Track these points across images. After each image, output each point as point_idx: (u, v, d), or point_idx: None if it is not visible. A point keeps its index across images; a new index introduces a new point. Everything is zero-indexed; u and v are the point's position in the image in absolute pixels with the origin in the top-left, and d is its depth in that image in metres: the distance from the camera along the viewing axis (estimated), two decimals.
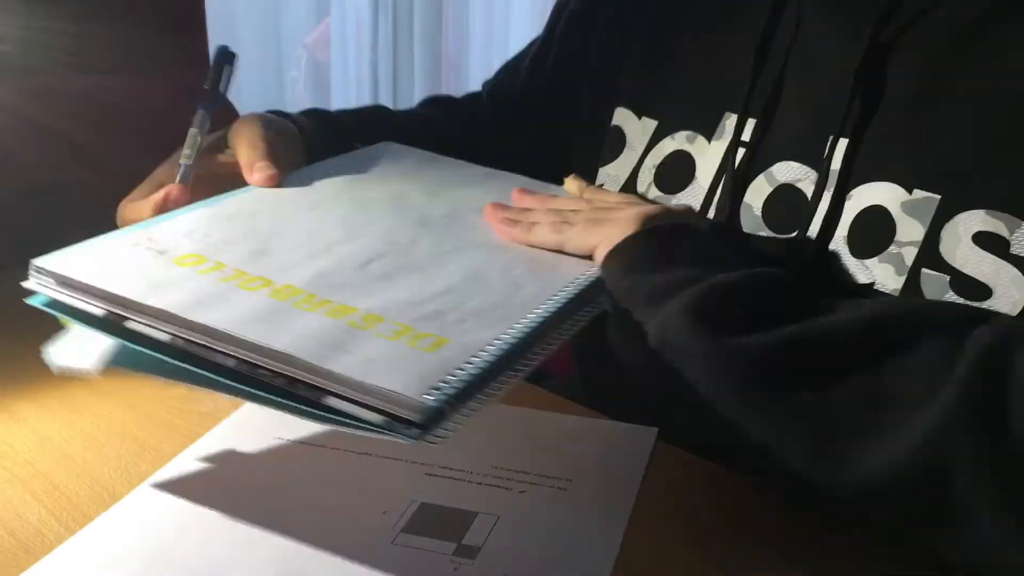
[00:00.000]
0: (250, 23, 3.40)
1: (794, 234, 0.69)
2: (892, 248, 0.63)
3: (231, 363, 0.53)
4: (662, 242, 0.63)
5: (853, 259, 0.65)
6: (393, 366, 0.51)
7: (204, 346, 0.53)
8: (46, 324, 0.66)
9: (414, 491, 0.62)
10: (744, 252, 0.67)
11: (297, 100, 3.50)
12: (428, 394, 0.49)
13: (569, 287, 0.63)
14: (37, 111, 1.33)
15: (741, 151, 0.74)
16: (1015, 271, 0.56)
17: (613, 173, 0.84)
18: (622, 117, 0.85)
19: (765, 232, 0.70)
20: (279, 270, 0.62)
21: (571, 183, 0.79)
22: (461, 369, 0.52)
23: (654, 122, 0.81)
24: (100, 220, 1.41)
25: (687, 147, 0.78)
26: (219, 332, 0.53)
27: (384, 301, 0.59)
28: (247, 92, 3.43)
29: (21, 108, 1.32)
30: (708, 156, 0.77)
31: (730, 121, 0.75)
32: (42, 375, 0.67)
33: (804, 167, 0.71)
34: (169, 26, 1.52)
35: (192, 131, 0.86)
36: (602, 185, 0.85)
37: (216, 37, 1.70)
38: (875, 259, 0.63)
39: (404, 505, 0.60)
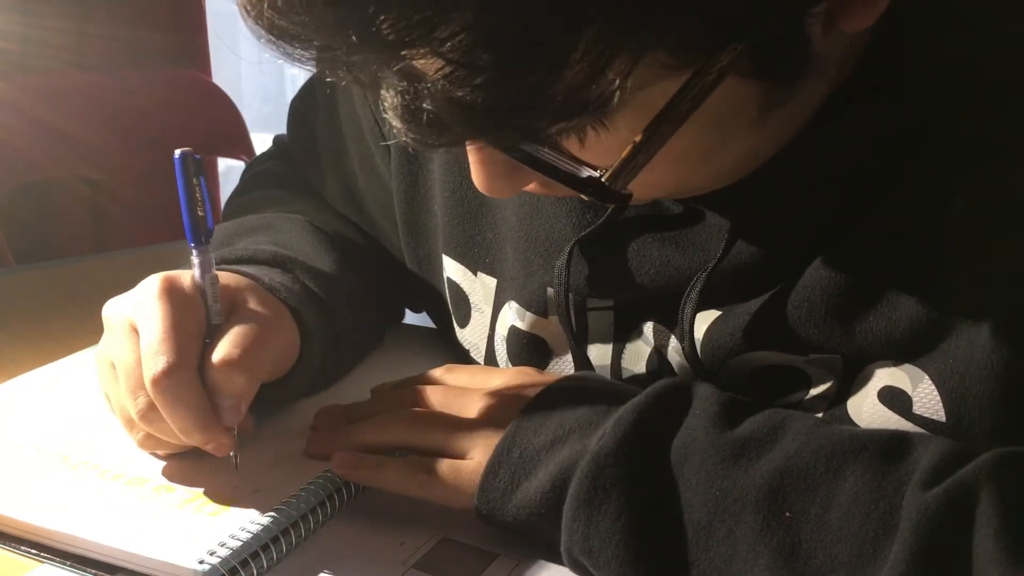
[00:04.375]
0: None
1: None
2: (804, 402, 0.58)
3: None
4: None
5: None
6: (175, 535, 0.55)
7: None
8: (42, 320, 0.66)
9: (440, 523, 0.58)
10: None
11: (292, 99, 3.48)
12: (204, 560, 0.52)
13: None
14: (38, 108, 1.33)
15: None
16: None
17: (473, 340, 0.72)
18: (453, 270, 0.72)
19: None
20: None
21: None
22: (245, 530, 0.54)
23: (493, 280, 0.69)
24: (97, 217, 1.40)
25: (520, 324, 0.67)
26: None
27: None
28: (248, 88, 3.43)
29: (22, 105, 1.32)
30: (552, 332, 0.66)
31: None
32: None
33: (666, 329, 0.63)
34: (170, 24, 1.52)
35: (209, 278, 0.61)
36: (468, 351, 0.74)
37: (217, 34, 1.70)
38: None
39: (424, 538, 0.57)
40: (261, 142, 1.56)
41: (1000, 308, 0.50)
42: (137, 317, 0.59)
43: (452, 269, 0.72)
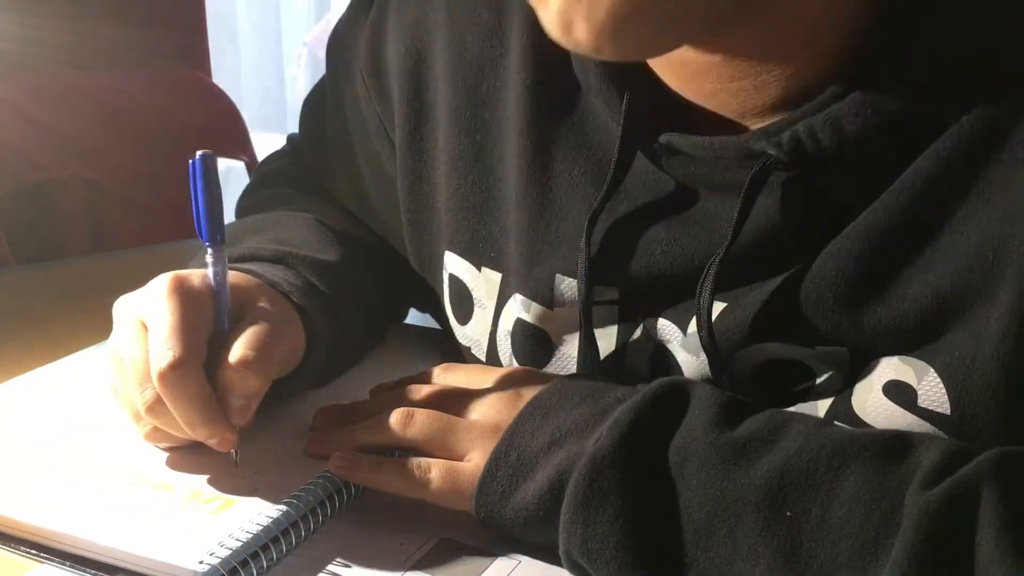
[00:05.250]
0: (251, 21, 3.40)
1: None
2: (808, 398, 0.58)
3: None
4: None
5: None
6: (174, 535, 0.55)
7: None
8: (42, 320, 0.66)
9: (440, 523, 0.58)
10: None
11: (298, 98, 3.50)
12: (204, 560, 0.52)
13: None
14: (37, 108, 1.33)
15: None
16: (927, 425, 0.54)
17: (474, 337, 0.72)
18: (457, 266, 0.72)
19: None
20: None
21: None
22: (245, 530, 0.54)
23: (498, 275, 0.69)
24: (97, 217, 1.40)
25: (526, 317, 0.67)
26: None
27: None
28: (248, 88, 3.43)
29: (21, 105, 1.32)
30: (557, 324, 0.66)
31: (565, 285, 0.65)
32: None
33: (673, 326, 0.62)
34: (169, 24, 1.52)
35: (221, 277, 0.61)
36: (469, 348, 0.74)
37: (216, 35, 1.70)
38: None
39: (424, 538, 0.57)
40: (261, 142, 1.57)
41: (1006, 301, 0.50)
42: (146, 313, 0.60)
43: (455, 265, 0.72)
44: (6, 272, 1.15)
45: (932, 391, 0.53)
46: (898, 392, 0.54)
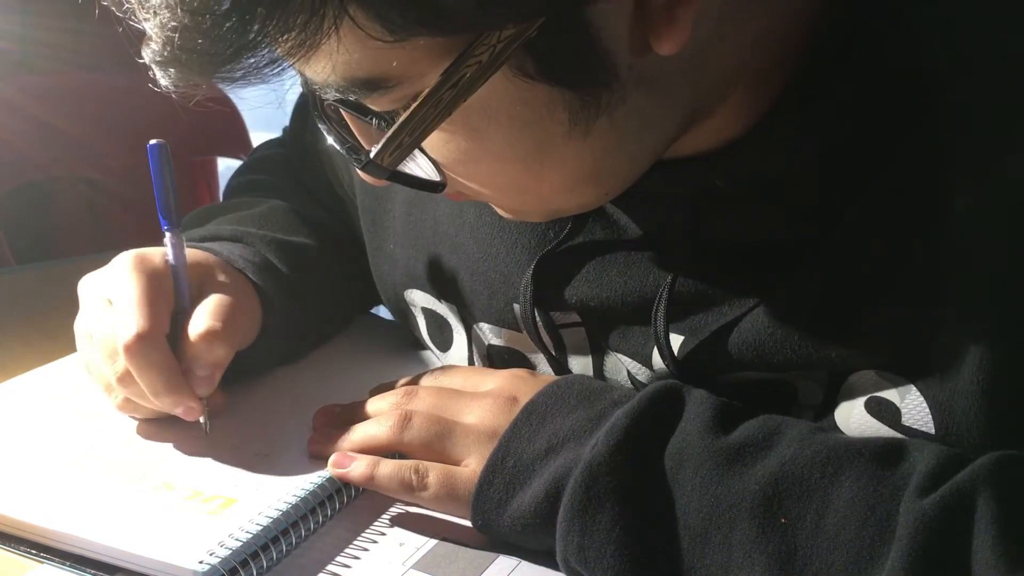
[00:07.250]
0: None
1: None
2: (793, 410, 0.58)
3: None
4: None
5: None
6: (174, 535, 0.55)
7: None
8: (42, 320, 0.66)
9: (440, 523, 0.59)
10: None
11: (297, 96, 3.49)
12: (204, 560, 0.52)
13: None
14: (37, 108, 1.33)
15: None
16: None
17: (457, 362, 0.72)
18: (423, 299, 0.73)
19: None
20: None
21: None
22: (245, 530, 0.54)
23: (454, 305, 0.70)
24: (97, 217, 1.40)
25: (498, 341, 0.68)
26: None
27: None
28: (249, 90, 3.44)
29: (22, 105, 1.32)
30: (529, 343, 0.66)
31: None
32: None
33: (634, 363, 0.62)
34: None
35: (180, 257, 0.65)
36: None
37: None
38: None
39: (424, 538, 0.57)
40: (261, 142, 1.56)
41: (985, 322, 0.49)
42: (110, 290, 0.63)
43: (423, 300, 0.72)
44: (6, 272, 1.15)
45: (916, 410, 0.53)
46: (881, 409, 0.54)
